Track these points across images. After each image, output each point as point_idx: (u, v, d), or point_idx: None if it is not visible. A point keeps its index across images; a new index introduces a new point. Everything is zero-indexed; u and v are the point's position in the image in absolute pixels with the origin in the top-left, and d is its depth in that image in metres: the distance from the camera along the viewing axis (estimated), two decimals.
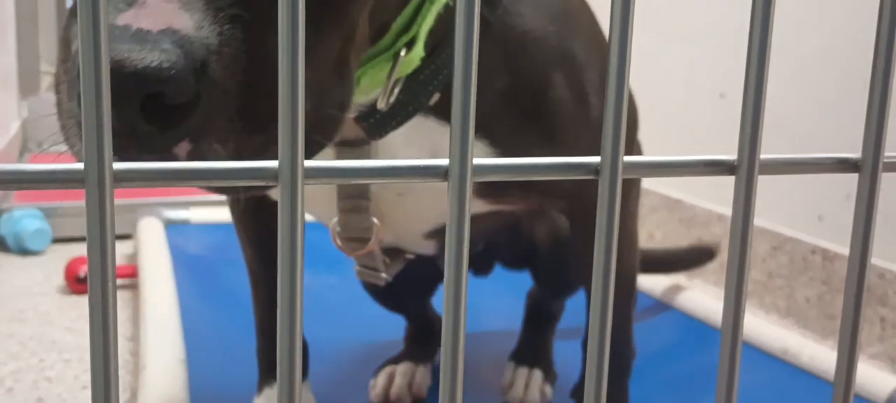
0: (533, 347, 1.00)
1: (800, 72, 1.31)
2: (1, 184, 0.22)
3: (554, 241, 0.94)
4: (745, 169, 0.28)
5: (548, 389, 0.96)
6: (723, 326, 0.31)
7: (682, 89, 1.58)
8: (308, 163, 0.25)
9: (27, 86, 2.16)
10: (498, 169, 0.28)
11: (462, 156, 0.26)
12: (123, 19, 0.35)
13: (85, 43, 0.21)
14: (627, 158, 0.28)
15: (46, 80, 2.41)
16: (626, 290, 0.85)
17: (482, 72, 0.40)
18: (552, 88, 0.65)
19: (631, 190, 0.83)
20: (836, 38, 1.25)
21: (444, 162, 0.26)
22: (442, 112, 0.62)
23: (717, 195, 1.50)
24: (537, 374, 0.96)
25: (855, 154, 0.31)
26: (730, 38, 1.46)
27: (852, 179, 0.31)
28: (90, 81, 0.22)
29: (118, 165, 0.23)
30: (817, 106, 1.29)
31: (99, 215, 0.23)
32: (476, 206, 0.70)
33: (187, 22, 0.36)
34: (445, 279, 0.27)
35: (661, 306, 1.30)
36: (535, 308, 1.02)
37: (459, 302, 0.27)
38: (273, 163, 0.24)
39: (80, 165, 0.23)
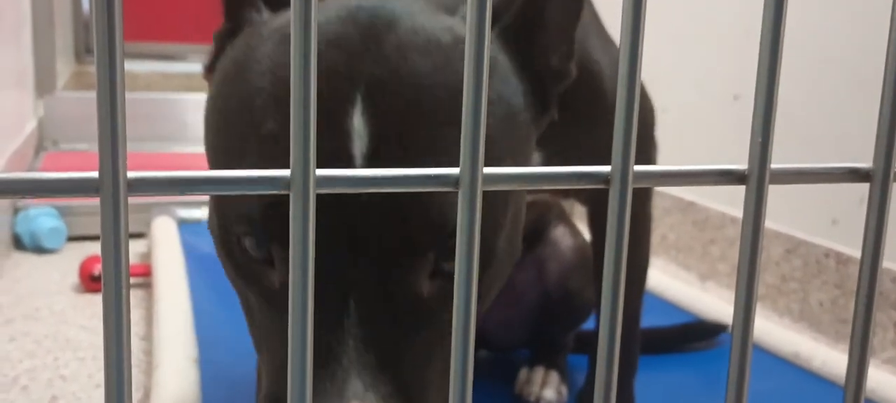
0: (549, 353, 0.99)
1: (811, 77, 1.30)
2: (19, 192, 0.22)
3: (559, 279, 0.95)
4: (755, 179, 0.28)
5: (564, 389, 0.96)
6: (733, 332, 0.31)
7: (696, 91, 1.57)
8: (320, 172, 0.25)
9: (43, 84, 2.18)
10: (508, 178, 0.28)
11: (473, 164, 0.26)
12: None
13: (101, 59, 0.21)
14: (638, 167, 0.28)
15: (62, 79, 2.43)
16: (637, 287, 0.85)
17: None
18: (596, 75, 0.68)
19: (646, 189, 0.84)
20: (848, 42, 1.25)
21: (455, 171, 0.27)
22: None
23: (730, 198, 1.50)
24: (554, 374, 0.97)
25: (866, 163, 0.31)
26: (743, 40, 1.45)
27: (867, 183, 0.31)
28: (105, 91, 0.22)
29: (132, 174, 0.23)
30: (828, 110, 1.28)
31: (113, 222, 0.23)
32: None
33: None
34: (456, 285, 0.27)
35: (674, 309, 1.29)
36: (545, 341, 1.01)
37: (470, 308, 0.27)
38: (285, 172, 0.25)
39: (95, 173, 0.23)
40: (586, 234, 1.06)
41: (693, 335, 1.14)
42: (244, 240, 0.48)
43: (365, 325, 0.46)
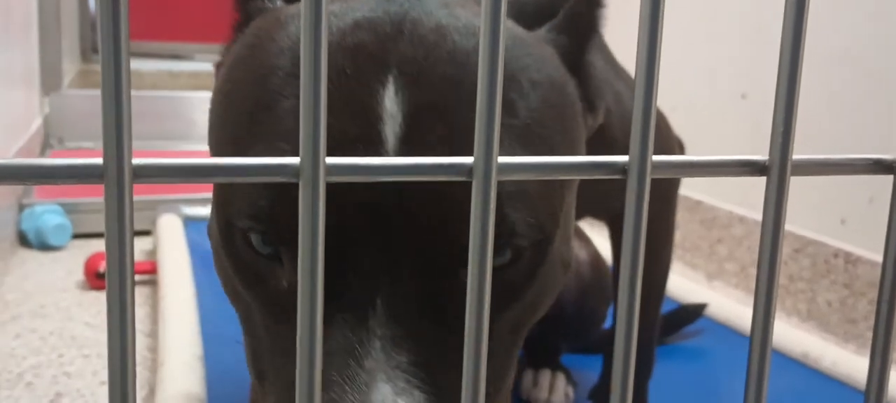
0: (552, 354, 0.99)
1: (826, 72, 1.29)
2: (22, 178, 0.22)
3: (576, 298, 0.94)
4: (776, 170, 0.28)
5: (570, 391, 0.96)
6: (752, 328, 0.31)
7: (705, 90, 1.56)
8: (329, 160, 0.25)
9: (49, 82, 2.18)
10: (523, 167, 0.27)
11: (487, 153, 0.25)
12: None
13: (105, 43, 0.21)
14: (656, 158, 0.27)
15: (68, 77, 2.42)
16: (656, 294, 0.85)
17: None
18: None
19: (670, 193, 0.84)
20: (862, 36, 1.24)
21: (469, 159, 0.26)
22: None
23: (738, 197, 1.49)
24: (561, 376, 0.96)
25: (889, 154, 0.31)
26: (752, 38, 1.44)
27: (876, 182, 0.30)
28: (110, 78, 0.21)
29: (137, 161, 0.22)
30: (843, 106, 1.27)
31: (117, 210, 0.22)
32: None
33: None
34: (469, 279, 0.26)
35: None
36: (549, 345, 1.01)
37: (483, 303, 0.26)
38: (294, 160, 0.24)
39: (99, 160, 0.22)
40: (591, 235, 1.06)
41: (677, 322, 1.16)
42: (250, 236, 0.43)
43: (394, 325, 0.40)
